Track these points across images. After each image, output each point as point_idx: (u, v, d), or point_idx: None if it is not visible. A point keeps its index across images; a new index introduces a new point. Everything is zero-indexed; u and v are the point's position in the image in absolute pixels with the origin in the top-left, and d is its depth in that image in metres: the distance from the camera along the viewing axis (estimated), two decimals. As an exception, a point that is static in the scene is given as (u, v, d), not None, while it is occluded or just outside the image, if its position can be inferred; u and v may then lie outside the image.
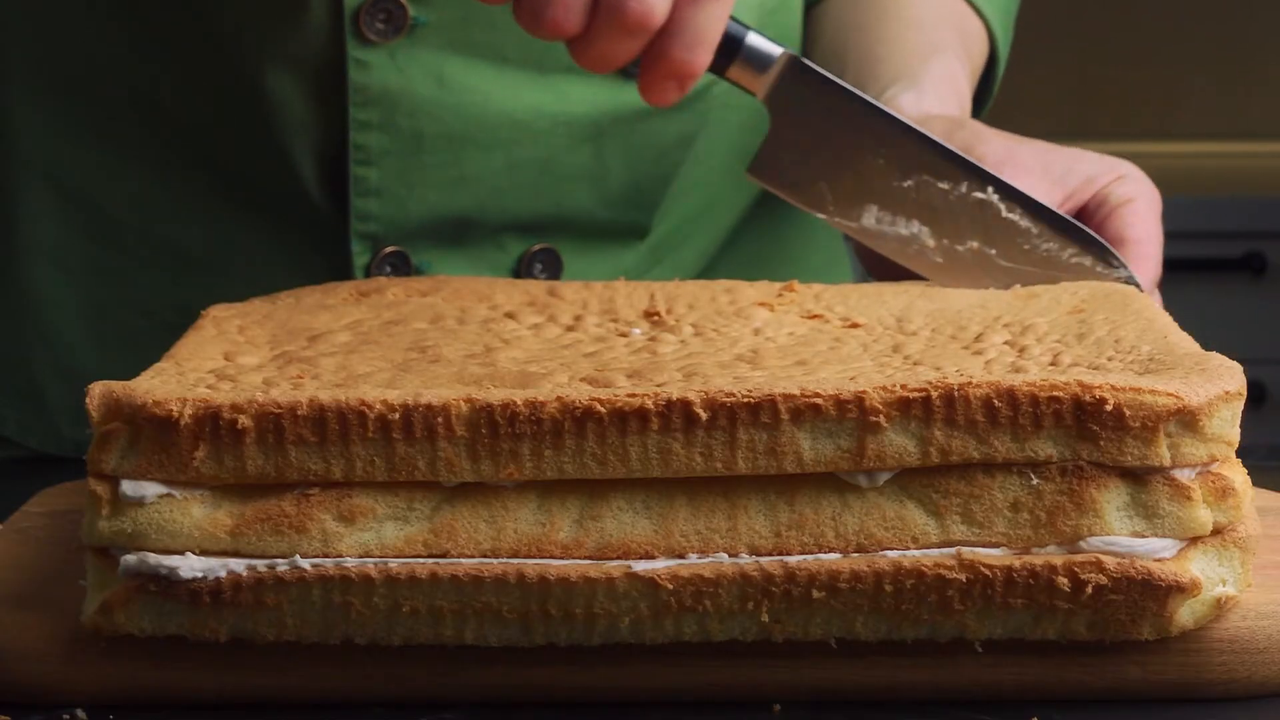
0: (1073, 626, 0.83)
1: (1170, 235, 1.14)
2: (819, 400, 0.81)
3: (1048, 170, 1.11)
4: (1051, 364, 0.86)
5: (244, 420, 0.82)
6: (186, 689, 0.85)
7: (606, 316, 0.98)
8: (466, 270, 1.22)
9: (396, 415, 0.82)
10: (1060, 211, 1.07)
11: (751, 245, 1.34)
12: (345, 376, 0.87)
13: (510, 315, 0.98)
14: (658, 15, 0.99)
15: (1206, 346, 0.89)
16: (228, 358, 0.91)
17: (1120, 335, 0.91)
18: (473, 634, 0.83)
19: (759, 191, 1.32)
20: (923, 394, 0.82)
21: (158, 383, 0.86)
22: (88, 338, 1.25)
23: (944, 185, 1.05)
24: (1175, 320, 0.94)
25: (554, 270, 1.24)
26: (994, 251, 1.05)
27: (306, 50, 1.16)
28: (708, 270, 1.31)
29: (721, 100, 1.27)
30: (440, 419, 0.82)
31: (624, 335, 0.95)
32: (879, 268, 1.14)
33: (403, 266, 1.21)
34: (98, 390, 0.84)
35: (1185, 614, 0.83)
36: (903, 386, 0.82)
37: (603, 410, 0.82)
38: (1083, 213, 1.11)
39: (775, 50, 1.05)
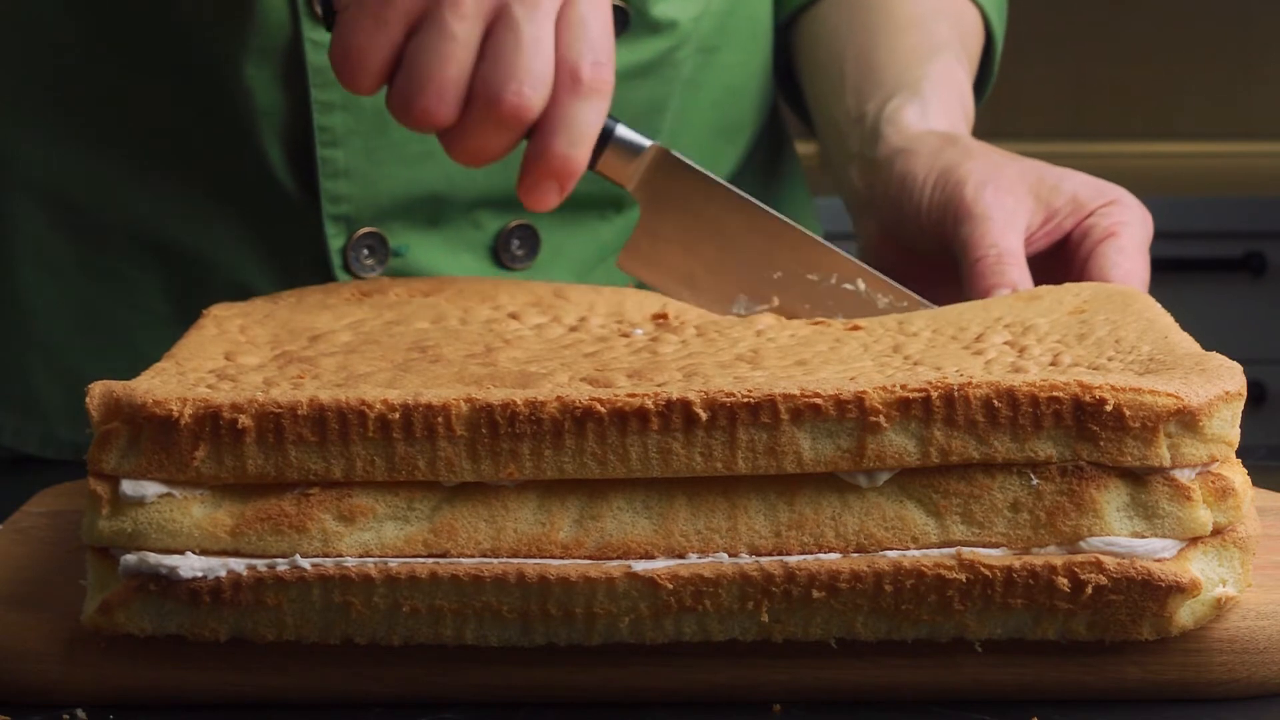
0: (1073, 626, 0.83)
1: (1170, 235, 1.14)
2: (819, 400, 0.81)
3: (1033, 189, 1.10)
4: (1052, 364, 0.86)
5: (244, 420, 0.82)
6: (186, 689, 0.85)
7: (612, 319, 0.98)
8: (444, 250, 1.22)
9: (396, 415, 0.82)
10: (1042, 234, 1.07)
11: None
12: (346, 376, 0.87)
13: (514, 316, 0.98)
14: (535, 108, 0.97)
15: (1206, 346, 0.89)
16: (228, 357, 0.91)
17: (1120, 335, 0.91)
18: (473, 634, 0.83)
19: (736, 167, 1.32)
20: (923, 394, 0.82)
21: (158, 382, 0.86)
22: (80, 338, 1.25)
23: (813, 277, 1.05)
24: (1175, 320, 0.94)
25: (532, 247, 1.24)
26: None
27: (263, 35, 1.16)
28: None
29: (693, 78, 1.27)
30: (440, 419, 0.82)
31: (625, 335, 0.95)
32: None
33: (380, 248, 1.21)
34: (98, 390, 0.84)
35: (1185, 614, 0.83)
36: (903, 387, 0.82)
37: (603, 410, 0.82)
38: (1067, 242, 1.10)
39: (644, 142, 1.05)
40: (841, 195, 1.23)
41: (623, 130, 1.05)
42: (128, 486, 0.83)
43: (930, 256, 1.12)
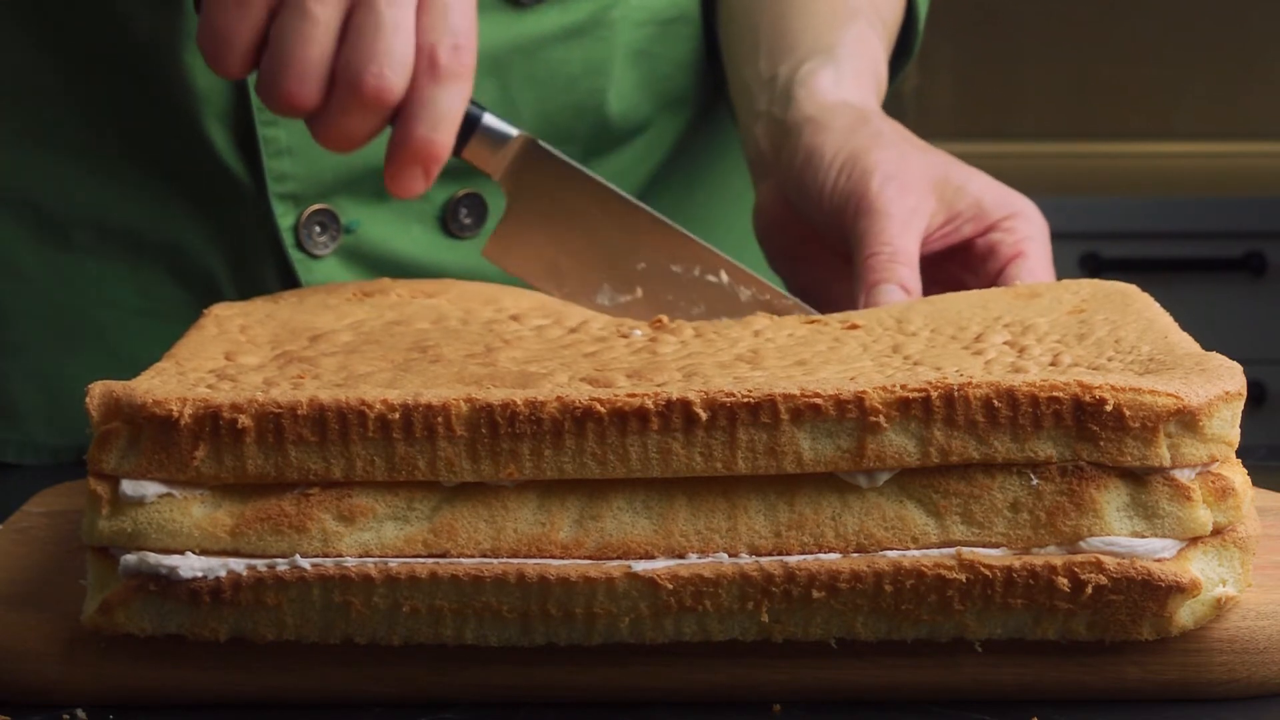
0: (1073, 626, 0.83)
1: (1170, 235, 1.14)
2: (819, 400, 0.81)
3: (937, 188, 1.11)
4: (1051, 364, 0.86)
5: (244, 420, 0.82)
6: (186, 689, 0.85)
7: (613, 322, 0.98)
8: (394, 223, 1.23)
9: (396, 415, 0.82)
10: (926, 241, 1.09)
11: (674, 190, 1.34)
12: (346, 376, 0.87)
13: (515, 318, 0.98)
14: (395, 90, 0.99)
15: (1206, 346, 0.89)
16: (229, 357, 0.91)
17: (1120, 335, 0.91)
18: (473, 634, 0.83)
19: (678, 139, 1.32)
20: (923, 394, 0.82)
21: (158, 382, 0.86)
22: (53, 340, 1.24)
23: (677, 269, 1.06)
24: (1175, 320, 0.94)
25: (480, 215, 1.24)
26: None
27: (194, 20, 1.17)
28: None
29: (647, 50, 1.27)
30: (440, 419, 0.82)
31: (624, 336, 0.95)
32: (779, 259, 1.15)
33: (332, 225, 1.21)
34: (98, 390, 0.84)
35: (1185, 614, 0.83)
36: (903, 386, 0.82)
37: (603, 410, 0.82)
38: (970, 249, 1.11)
39: (511, 131, 1.06)
40: (744, 154, 1.23)
41: (489, 119, 1.06)
42: (128, 486, 0.83)
43: (825, 234, 1.13)
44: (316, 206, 1.21)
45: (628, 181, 1.30)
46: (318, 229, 1.21)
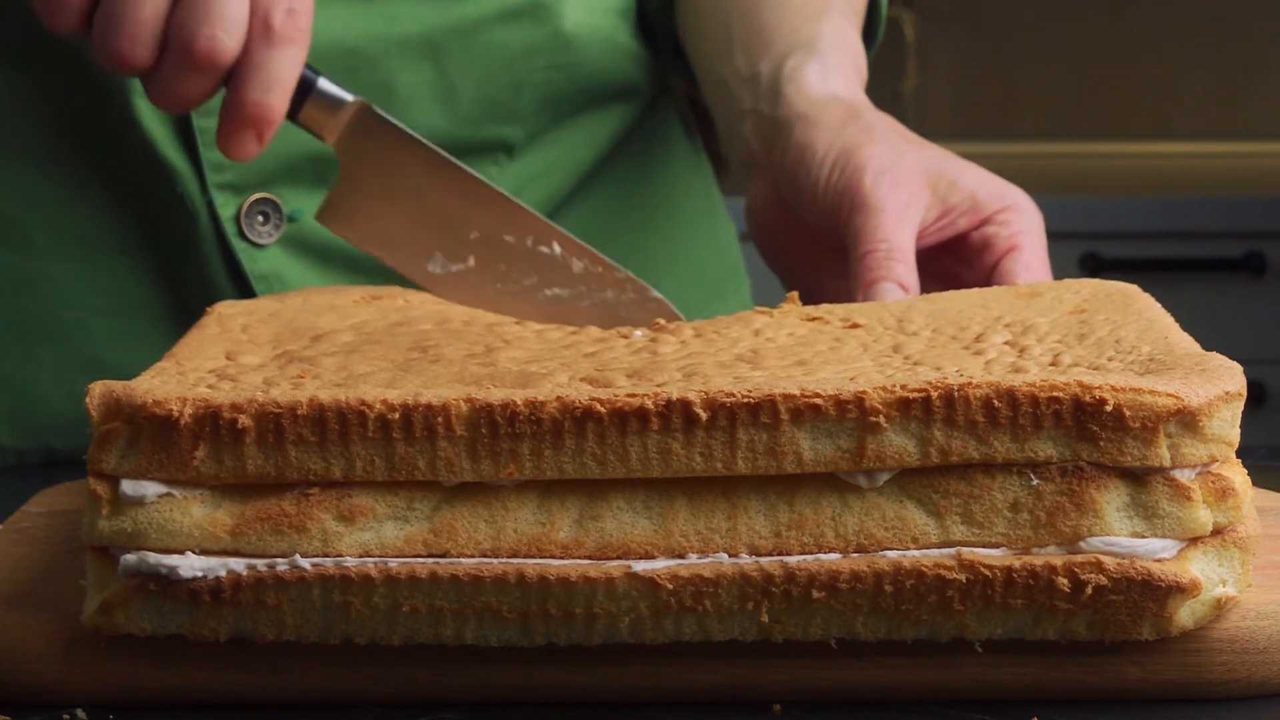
0: (1073, 627, 0.83)
1: (1170, 235, 1.14)
2: (819, 400, 0.81)
3: (931, 182, 1.10)
4: (1052, 364, 0.86)
5: (244, 420, 0.82)
6: (186, 689, 0.85)
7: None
8: None
9: (396, 415, 0.82)
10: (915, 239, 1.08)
11: (620, 177, 1.34)
12: (346, 376, 0.87)
13: (517, 320, 0.99)
14: (227, 52, 0.99)
15: (1206, 346, 0.89)
16: (229, 357, 0.91)
17: (1121, 335, 0.91)
18: (473, 634, 0.83)
19: (627, 123, 1.32)
20: (923, 394, 0.82)
21: (158, 382, 0.86)
22: (13, 342, 1.24)
23: (510, 238, 1.06)
24: (1175, 320, 0.94)
25: None
26: (551, 291, 1.06)
27: None
28: (575, 194, 1.31)
29: (611, 37, 1.27)
30: (440, 419, 0.82)
31: (624, 336, 0.95)
32: (772, 254, 1.15)
33: (274, 214, 1.21)
34: (98, 390, 0.84)
35: (1185, 614, 0.83)
36: (903, 387, 0.82)
37: (603, 410, 0.82)
38: (965, 243, 1.11)
39: (347, 96, 1.06)
40: (730, 152, 1.22)
41: (325, 83, 1.05)
42: (128, 486, 0.83)
43: (820, 231, 1.12)
44: (258, 196, 1.21)
45: (571, 165, 1.30)
46: (260, 218, 1.21)
